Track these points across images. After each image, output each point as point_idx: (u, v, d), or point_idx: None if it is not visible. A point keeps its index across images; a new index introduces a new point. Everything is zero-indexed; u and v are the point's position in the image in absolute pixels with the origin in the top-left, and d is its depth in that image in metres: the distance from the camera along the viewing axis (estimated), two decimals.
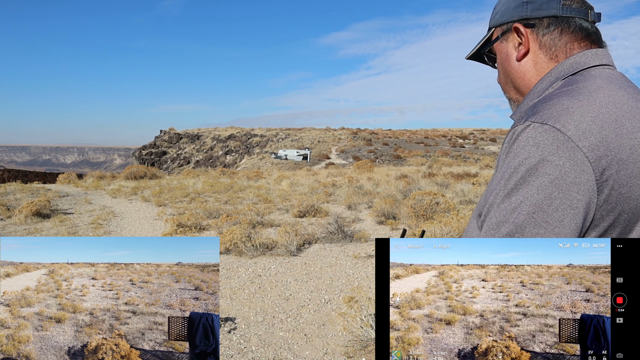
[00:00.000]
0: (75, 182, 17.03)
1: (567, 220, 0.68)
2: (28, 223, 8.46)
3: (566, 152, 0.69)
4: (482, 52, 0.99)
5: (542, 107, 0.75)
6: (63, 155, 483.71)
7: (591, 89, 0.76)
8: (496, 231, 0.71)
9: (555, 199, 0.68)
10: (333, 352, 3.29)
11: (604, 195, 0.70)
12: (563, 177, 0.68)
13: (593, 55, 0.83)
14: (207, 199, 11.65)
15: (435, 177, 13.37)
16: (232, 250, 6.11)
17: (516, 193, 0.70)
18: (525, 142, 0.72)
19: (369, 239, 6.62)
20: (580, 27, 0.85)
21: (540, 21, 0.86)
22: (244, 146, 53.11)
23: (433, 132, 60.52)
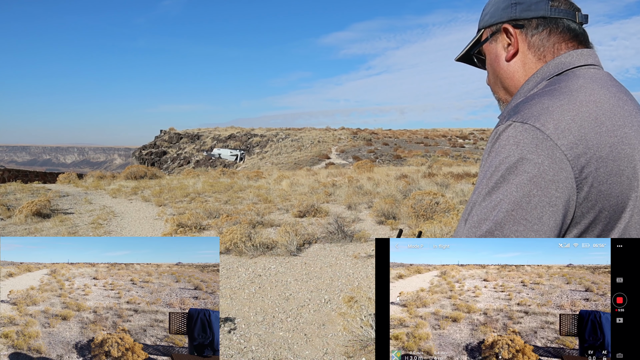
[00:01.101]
0: (75, 182, 17.03)
1: (546, 218, 0.69)
2: (28, 223, 8.46)
3: (545, 150, 0.69)
4: (472, 53, 1.01)
5: (524, 106, 0.76)
6: (63, 155, 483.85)
7: (572, 88, 0.77)
8: (477, 229, 0.72)
9: (534, 197, 0.69)
10: (333, 352, 3.29)
11: (584, 193, 0.70)
12: (542, 175, 0.69)
13: (578, 55, 0.84)
14: (207, 199, 11.65)
15: (435, 177, 13.37)
16: (232, 250, 6.11)
17: (496, 191, 0.71)
18: (506, 141, 0.73)
19: (369, 239, 6.63)
20: (568, 27, 0.87)
21: (529, 22, 0.87)
22: (244, 146, 53.13)
23: (433, 132, 60.53)
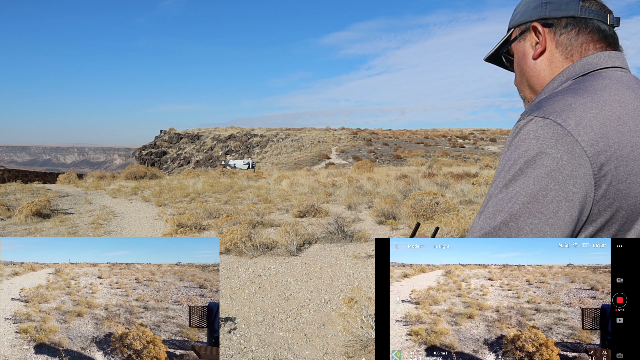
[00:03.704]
0: (75, 182, 17.03)
1: (562, 212, 0.69)
2: (28, 223, 8.46)
3: (565, 145, 0.70)
4: (501, 52, 1.01)
5: (546, 103, 0.76)
6: (63, 155, 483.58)
7: (597, 87, 0.77)
8: (492, 220, 0.72)
9: (551, 191, 0.69)
10: (333, 352, 3.29)
11: (602, 190, 0.70)
12: (560, 170, 0.69)
13: (606, 57, 0.84)
14: (207, 199, 11.65)
15: (435, 177, 13.37)
16: (232, 250, 6.11)
17: (514, 184, 0.71)
18: (526, 136, 0.73)
19: (369, 239, 6.63)
20: (598, 28, 0.86)
21: (558, 21, 0.88)
22: (244, 146, 53.12)
23: (433, 132, 60.51)
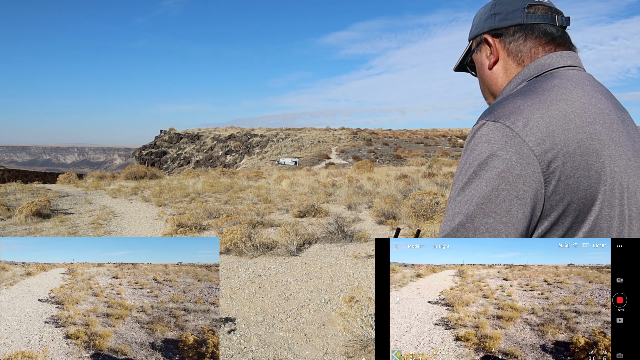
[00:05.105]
0: (75, 182, 17.03)
1: (514, 210, 0.72)
2: (28, 223, 8.46)
3: (513, 147, 0.73)
4: (465, 63, 1.06)
5: (498, 106, 0.80)
6: (63, 155, 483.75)
7: (546, 88, 0.81)
8: (451, 222, 0.76)
9: (503, 191, 0.72)
10: (333, 352, 3.29)
11: (552, 187, 0.73)
12: (510, 170, 0.72)
13: (558, 57, 0.88)
14: (207, 199, 11.65)
15: (435, 177, 13.37)
16: (232, 250, 6.11)
17: (469, 186, 0.75)
18: (479, 139, 0.77)
19: (369, 239, 6.63)
20: (545, 32, 0.90)
21: (507, 30, 0.92)
22: (244, 146, 53.12)
23: (433, 132, 60.52)
